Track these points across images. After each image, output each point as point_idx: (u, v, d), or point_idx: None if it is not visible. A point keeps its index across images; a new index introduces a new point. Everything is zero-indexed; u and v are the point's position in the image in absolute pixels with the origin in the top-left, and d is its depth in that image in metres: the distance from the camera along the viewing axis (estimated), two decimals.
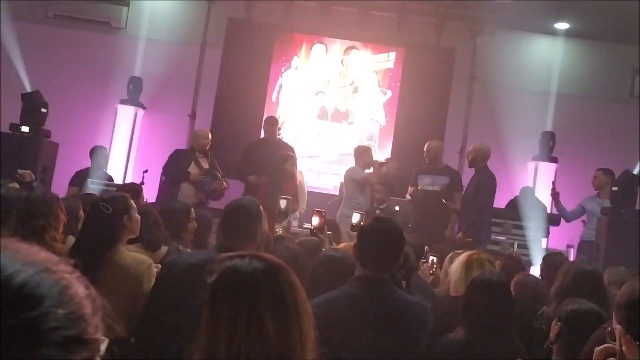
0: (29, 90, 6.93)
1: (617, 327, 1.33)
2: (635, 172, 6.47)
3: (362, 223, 3.78)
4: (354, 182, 6.13)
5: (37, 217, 2.86)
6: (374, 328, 2.28)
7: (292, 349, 1.18)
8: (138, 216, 2.81)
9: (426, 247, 4.41)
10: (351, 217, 4.04)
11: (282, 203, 3.69)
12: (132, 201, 2.86)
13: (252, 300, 1.19)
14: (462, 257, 3.21)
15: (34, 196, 3.01)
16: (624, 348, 1.30)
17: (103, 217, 2.68)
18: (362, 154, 6.30)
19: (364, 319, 2.28)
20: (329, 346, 1.31)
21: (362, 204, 5.92)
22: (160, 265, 2.75)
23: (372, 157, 6.31)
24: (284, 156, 5.81)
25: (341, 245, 3.23)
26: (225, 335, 1.17)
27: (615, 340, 1.35)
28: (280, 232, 3.64)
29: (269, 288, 1.21)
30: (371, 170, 6.22)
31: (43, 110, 6.59)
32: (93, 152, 6.77)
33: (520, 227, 6.19)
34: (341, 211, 6.00)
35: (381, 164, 6.31)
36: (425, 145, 6.33)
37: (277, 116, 8.20)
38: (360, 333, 2.25)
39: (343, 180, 6.48)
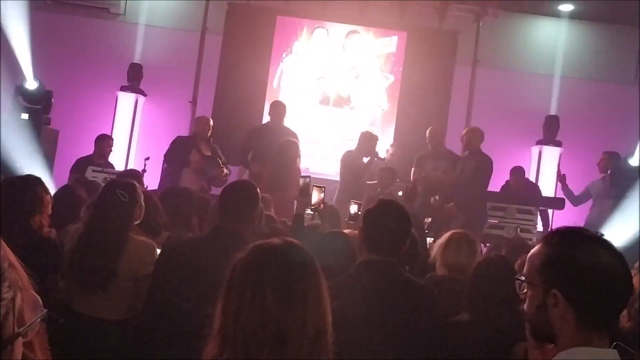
0: (28, 78, 6.88)
1: None
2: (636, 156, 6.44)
3: (359, 213, 3.76)
4: (349, 168, 6.07)
5: (21, 203, 2.77)
6: (382, 312, 2.26)
7: (289, 329, 1.20)
8: (143, 203, 2.83)
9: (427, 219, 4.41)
10: (346, 203, 4.01)
11: (302, 181, 3.66)
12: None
13: (283, 284, 1.23)
14: (445, 236, 3.24)
15: (16, 181, 2.88)
16: None
17: (120, 204, 2.68)
18: (368, 141, 6.22)
19: (372, 304, 2.26)
20: (338, 331, 1.31)
21: (357, 190, 5.87)
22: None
23: (375, 147, 6.22)
24: (287, 143, 5.74)
25: (346, 231, 3.20)
26: (245, 313, 1.21)
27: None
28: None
29: (297, 273, 1.25)
30: (368, 159, 6.15)
31: (43, 97, 6.56)
32: (98, 140, 6.74)
33: (524, 212, 6.15)
34: (337, 196, 5.95)
35: (377, 157, 6.24)
36: (428, 131, 6.27)
37: None
38: (368, 317, 2.23)
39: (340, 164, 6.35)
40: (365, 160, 6.18)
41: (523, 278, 1.38)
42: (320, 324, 1.23)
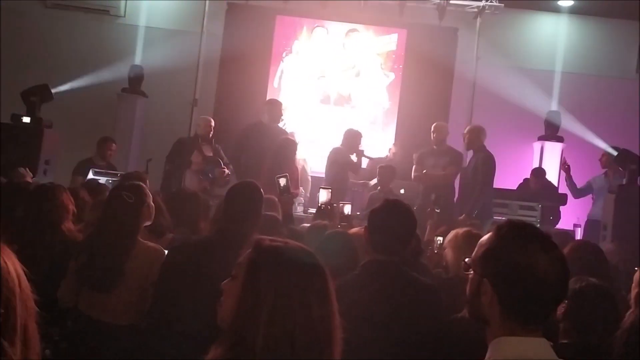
0: (29, 80, 6.89)
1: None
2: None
3: (351, 214, 3.77)
4: (336, 165, 6.06)
5: (50, 211, 2.87)
6: (388, 312, 2.27)
7: (332, 332, 1.24)
8: (152, 204, 2.82)
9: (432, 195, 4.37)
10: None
11: (282, 181, 3.68)
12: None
13: (303, 285, 1.23)
14: (459, 234, 3.09)
15: (43, 189, 3.00)
16: None
17: (126, 206, 2.68)
18: (352, 138, 6.22)
19: (378, 304, 2.26)
20: (345, 331, 1.33)
21: (342, 188, 5.85)
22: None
23: (359, 145, 6.20)
24: (285, 141, 5.72)
25: (354, 230, 3.20)
26: (267, 313, 1.20)
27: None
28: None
29: (313, 272, 1.27)
30: (354, 157, 6.14)
31: (44, 100, 6.57)
32: (100, 142, 6.75)
33: (527, 208, 6.15)
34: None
35: (364, 155, 6.21)
36: (433, 127, 6.25)
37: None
38: (374, 317, 2.24)
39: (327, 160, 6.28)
40: (353, 157, 6.17)
41: (467, 260, 1.43)
42: (335, 323, 1.26)
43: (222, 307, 1.28)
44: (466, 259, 1.43)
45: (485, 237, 1.41)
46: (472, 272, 1.40)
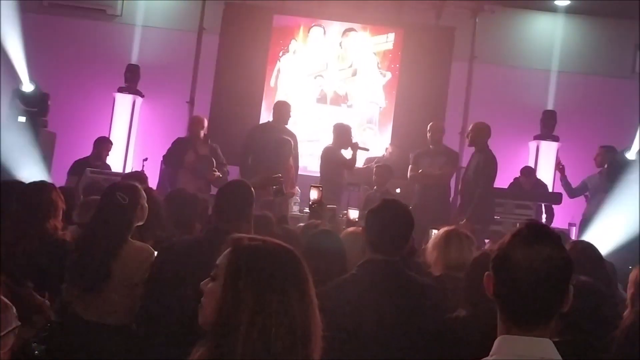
0: (25, 80, 6.89)
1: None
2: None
3: (356, 219, 3.79)
4: (329, 164, 6.05)
5: (36, 208, 2.87)
6: (387, 312, 2.27)
7: (312, 331, 1.24)
8: (146, 205, 2.83)
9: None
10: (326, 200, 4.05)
11: None
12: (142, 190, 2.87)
13: (281, 285, 1.23)
14: (440, 233, 3.12)
15: (30, 187, 2.99)
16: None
17: (119, 207, 2.68)
18: (342, 133, 6.19)
19: (377, 303, 2.27)
20: (343, 331, 1.33)
21: (338, 188, 5.86)
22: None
23: (350, 139, 6.18)
24: (280, 141, 5.73)
25: (349, 229, 3.21)
26: (247, 314, 1.20)
27: None
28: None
29: (292, 271, 1.27)
30: (349, 151, 6.13)
31: (40, 100, 6.58)
32: (97, 142, 6.74)
33: (522, 207, 6.16)
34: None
35: (359, 148, 6.16)
36: (429, 126, 6.24)
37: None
38: (373, 317, 2.24)
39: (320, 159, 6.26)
40: (344, 152, 6.15)
41: None
42: (314, 321, 1.27)
43: (203, 308, 1.28)
44: None
45: None
46: None
